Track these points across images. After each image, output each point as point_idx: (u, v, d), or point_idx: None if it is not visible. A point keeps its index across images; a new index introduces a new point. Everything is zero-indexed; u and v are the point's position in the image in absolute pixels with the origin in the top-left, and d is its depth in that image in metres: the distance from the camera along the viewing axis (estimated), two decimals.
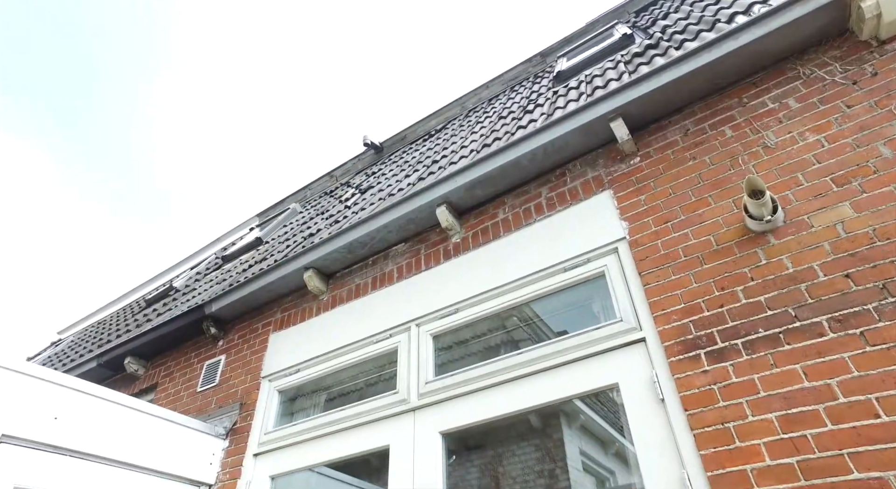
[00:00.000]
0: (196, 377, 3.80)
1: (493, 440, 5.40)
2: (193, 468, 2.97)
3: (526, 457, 5.08)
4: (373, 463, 4.45)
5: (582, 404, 5.20)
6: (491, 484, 5.23)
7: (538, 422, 5.23)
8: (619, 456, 5.77)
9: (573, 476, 4.75)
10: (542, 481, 4.85)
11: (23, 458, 2.35)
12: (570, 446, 4.97)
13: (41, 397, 2.48)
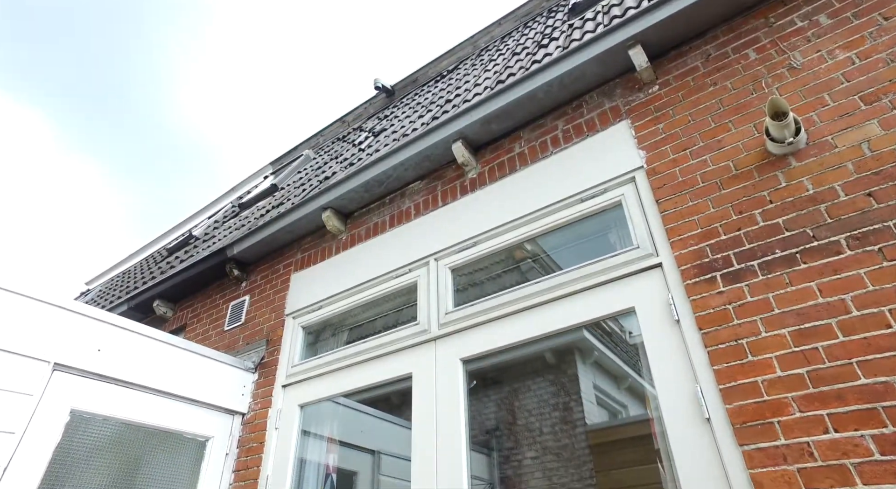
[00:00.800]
0: (222, 317, 3.96)
1: (509, 377, 5.61)
2: (227, 398, 3.15)
3: (541, 391, 5.29)
4: (393, 400, 4.66)
5: (596, 341, 5.35)
6: (508, 417, 5.48)
7: (553, 358, 5.40)
8: (632, 390, 5.98)
9: (587, 408, 4.95)
10: (557, 413, 5.06)
11: (74, 385, 2.51)
12: (584, 381, 5.15)
13: (86, 331, 2.63)
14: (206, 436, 3.00)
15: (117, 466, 2.72)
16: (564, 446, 4.88)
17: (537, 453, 5.00)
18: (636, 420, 4.92)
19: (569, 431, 4.90)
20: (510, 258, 2.94)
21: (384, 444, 4.07)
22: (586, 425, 4.81)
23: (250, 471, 2.94)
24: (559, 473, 4.79)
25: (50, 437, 2.37)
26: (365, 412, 4.00)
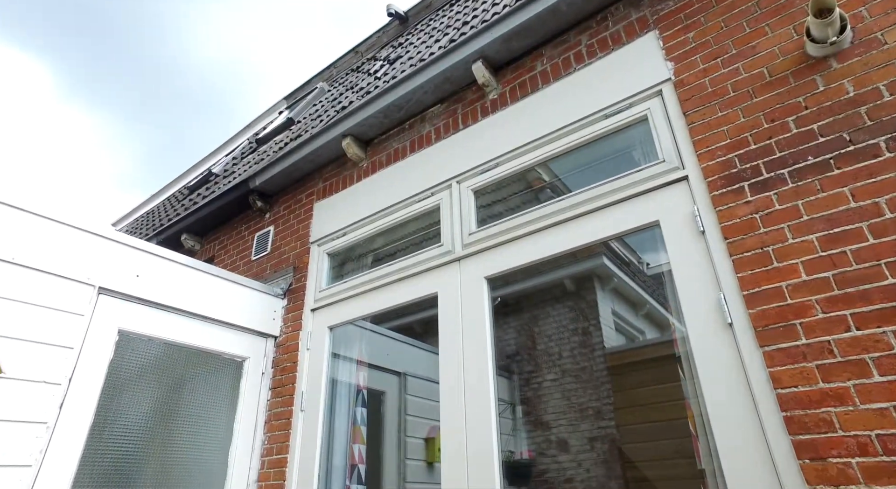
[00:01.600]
0: (249, 248, 4.06)
1: (529, 304, 5.75)
2: (260, 322, 3.30)
3: (561, 317, 5.42)
4: (416, 329, 4.83)
5: (615, 268, 5.40)
6: (528, 342, 5.67)
7: (572, 285, 5.49)
8: (649, 317, 6.08)
9: (605, 333, 5.09)
10: (576, 338, 5.22)
11: (119, 307, 2.65)
12: (602, 307, 5.26)
13: (125, 259, 2.75)
14: (242, 356, 3.18)
15: (165, 384, 2.91)
16: (583, 369, 5.06)
17: (556, 376, 5.20)
18: (653, 342, 5.05)
19: (587, 355, 5.06)
20: (529, 188, 2.93)
21: (409, 367, 4.26)
22: (605, 348, 4.96)
23: (286, 388, 3.12)
24: (578, 394, 5.01)
25: (103, 354, 2.53)
26: (391, 337, 4.17)
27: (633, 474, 4.53)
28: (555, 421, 5.05)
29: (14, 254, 2.34)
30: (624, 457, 4.61)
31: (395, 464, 3.93)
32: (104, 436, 2.51)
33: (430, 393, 4.29)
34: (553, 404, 5.10)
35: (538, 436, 5.07)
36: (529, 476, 4.85)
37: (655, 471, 4.38)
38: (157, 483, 2.69)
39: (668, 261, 2.07)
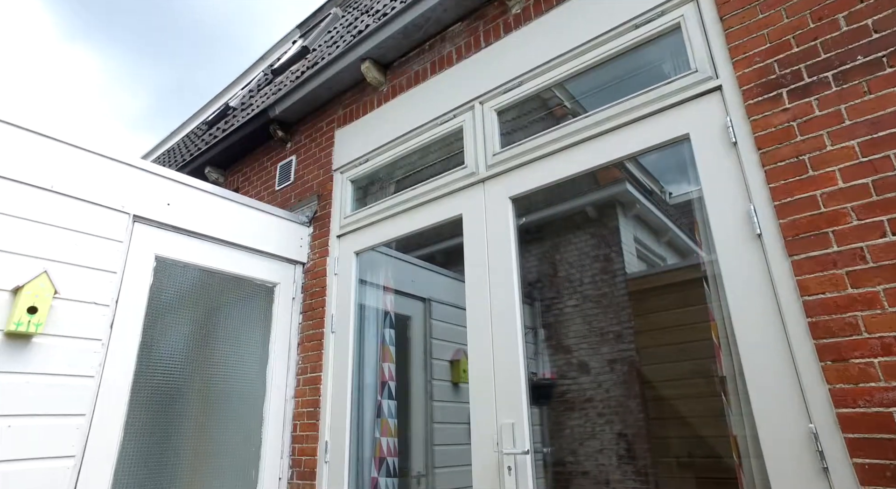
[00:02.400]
0: (272, 178, 4.10)
1: (550, 232, 5.76)
2: (288, 249, 3.38)
3: (582, 244, 5.44)
4: (438, 259, 4.90)
5: (637, 193, 5.33)
6: (549, 270, 5.74)
7: (594, 212, 5.47)
8: (671, 244, 6.05)
9: (627, 259, 5.11)
10: (597, 265, 5.26)
11: (153, 235, 2.74)
12: (624, 233, 5.25)
13: (157, 188, 2.81)
14: (273, 282, 3.29)
15: (203, 308, 3.05)
16: (604, 294, 5.14)
17: (577, 302, 5.30)
18: (675, 267, 5.07)
19: (609, 281, 5.12)
20: (550, 114, 2.85)
21: (434, 293, 4.37)
22: (626, 274, 5.00)
23: (316, 312, 3.25)
24: (598, 318, 5.11)
25: (143, 279, 2.65)
26: (415, 264, 4.25)
27: (652, 393, 4.70)
28: (576, 345, 5.20)
29: (54, 183, 2.41)
30: (643, 377, 4.77)
31: (422, 383, 4.13)
32: (152, 355, 2.68)
33: (454, 318, 4.42)
34: (574, 329, 5.23)
35: (559, 359, 5.24)
36: (551, 396, 5.07)
37: (673, 390, 4.53)
38: (204, 396, 2.89)
39: (692, 187, 2.04)
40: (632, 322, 4.86)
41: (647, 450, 4.51)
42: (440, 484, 4.01)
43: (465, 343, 4.52)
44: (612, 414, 4.86)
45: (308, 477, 2.91)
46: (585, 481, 4.73)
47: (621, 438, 4.75)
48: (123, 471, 2.40)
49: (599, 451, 4.86)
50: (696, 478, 4.17)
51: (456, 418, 4.28)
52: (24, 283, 2.16)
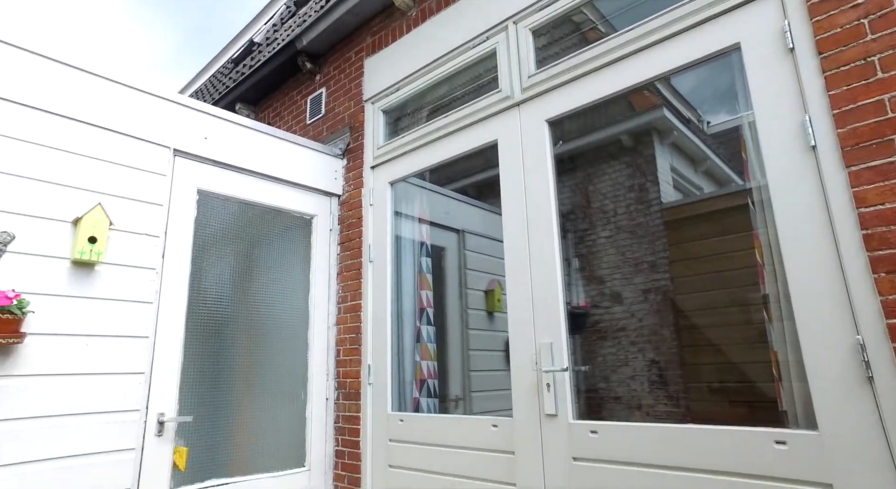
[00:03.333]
0: (302, 112, 4.08)
1: (583, 163, 5.64)
2: (323, 181, 3.42)
3: (617, 174, 5.33)
4: (470, 193, 4.87)
5: (675, 120, 5.12)
6: (582, 201, 5.66)
7: (630, 141, 5.30)
8: (709, 173, 5.86)
9: (663, 188, 5.00)
10: (632, 194, 5.16)
11: (194, 168, 2.80)
12: (660, 162, 5.10)
13: (195, 122, 2.85)
14: (310, 214, 3.35)
15: (245, 240, 3.15)
16: (638, 224, 5.07)
17: (611, 232, 5.25)
18: (712, 195, 4.93)
19: (643, 210, 5.04)
20: (585, 40, 2.69)
21: (467, 224, 4.40)
22: (661, 204, 4.90)
23: (353, 242, 3.32)
24: (632, 249, 5.08)
25: (188, 211, 2.73)
26: (449, 196, 4.26)
27: (686, 322, 4.72)
28: (609, 275, 5.21)
29: (102, 119, 2.47)
30: (676, 306, 4.78)
31: (457, 312, 4.25)
32: (202, 285, 2.81)
33: (488, 249, 4.46)
34: (607, 260, 5.22)
35: (592, 289, 5.28)
36: (584, 325, 5.15)
37: (707, 318, 4.54)
38: (251, 324, 3.04)
39: (731, 115, 1.94)
40: (666, 252, 4.82)
41: (679, 376, 4.59)
42: (477, 406, 4.21)
43: (498, 273, 4.59)
44: (644, 342, 4.94)
45: (353, 397, 3.09)
46: (618, 406, 4.89)
47: (654, 365, 4.84)
48: (185, 387, 2.60)
49: (631, 378, 4.99)
50: (728, 401, 4.26)
51: (491, 346, 4.43)
52: (82, 215, 2.26)
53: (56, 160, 2.30)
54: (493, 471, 2.36)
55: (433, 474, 2.59)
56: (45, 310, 2.16)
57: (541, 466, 2.18)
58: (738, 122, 2.00)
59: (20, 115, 2.24)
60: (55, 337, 2.18)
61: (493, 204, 4.76)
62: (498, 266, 4.48)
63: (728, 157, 5.62)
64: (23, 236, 2.15)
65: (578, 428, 2.11)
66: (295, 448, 3.03)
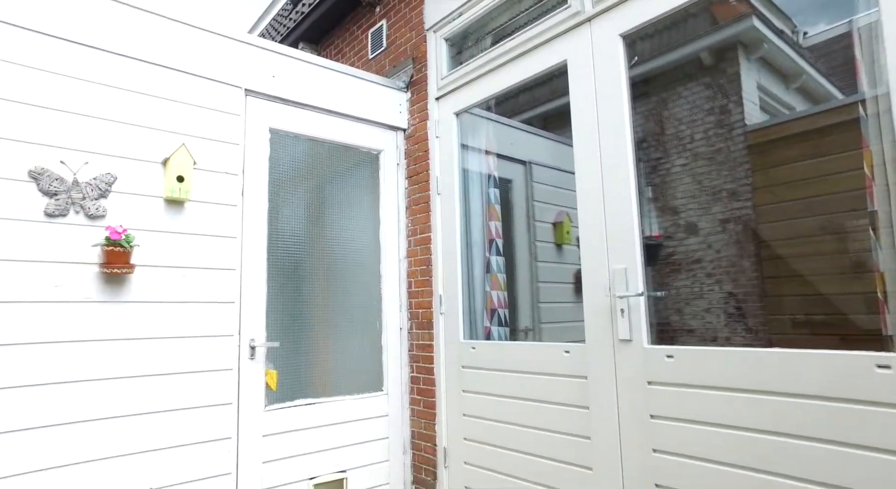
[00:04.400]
0: (363, 47, 4.02)
1: (656, 87, 5.25)
2: (388, 116, 3.41)
3: (694, 97, 4.93)
4: (535, 124, 4.70)
5: (766, 31, 4.60)
6: (655, 128, 5.33)
7: (710, 58, 4.85)
8: (803, 90, 5.30)
9: (748, 109, 4.58)
10: (711, 118, 4.78)
11: (264, 107, 2.87)
12: (746, 80, 4.64)
13: (262, 61, 2.88)
14: (377, 149, 3.38)
15: (315, 177, 3.24)
16: (718, 150, 4.73)
17: (687, 160, 4.94)
18: (806, 114, 4.47)
19: (724, 135, 4.67)
20: None
21: (534, 156, 4.29)
22: (745, 126, 4.52)
23: (420, 176, 3.33)
24: (710, 176, 4.77)
25: (262, 150, 2.83)
26: (514, 127, 4.14)
27: (769, 253, 4.46)
28: (683, 205, 4.96)
29: (178, 62, 2.56)
30: (758, 236, 4.51)
31: (525, 244, 4.23)
32: (278, 221, 2.95)
33: (556, 180, 4.35)
34: (682, 189, 4.96)
35: (665, 220, 5.07)
36: (657, 256, 4.99)
37: (794, 248, 4.26)
38: (325, 258, 3.18)
39: (839, 20, 1.70)
40: (749, 178, 4.49)
41: (759, 308, 4.40)
42: (546, 337, 4.27)
43: (567, 205, 4.49)
44: (721, 274, 4.73)
45: (426, 326, 3.21)
46: (691, 338, 4.79)
47: (731, 298, 4.66)
48: (270, 317, 2.79)
49: (706, 311, 4.84)
50: (813, 335, 4.06)
51: (559, 278, 4.41)
52: (169, 155, 2.40)
53: (144, 104, 2.42)
54: (566, 395, 2.41)
55: (506, 397, 2.69)
56: (147, 244, 2.35)
57: (614, 390, 2.21)
58: (845, 29, 1.78)
59: (114, 63, 2.36)
60: (157, 268, 2.38)
61: (561, 133, 4.58)
62: (566, 198, 4.38)
63: (828, 71, 5.02)
64: (123, 177, 2.33)
65: (654, 352, 2.09)
66: (373, 374, 3.22)
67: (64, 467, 2.08)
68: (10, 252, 2.04)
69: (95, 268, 2.22)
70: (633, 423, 2.12)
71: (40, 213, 2.11)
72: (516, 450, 2.62)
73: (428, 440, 3.13)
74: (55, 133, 2.18)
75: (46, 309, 2.10)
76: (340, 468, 2.93)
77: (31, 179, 2.11)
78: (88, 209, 2.21)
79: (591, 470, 2.27)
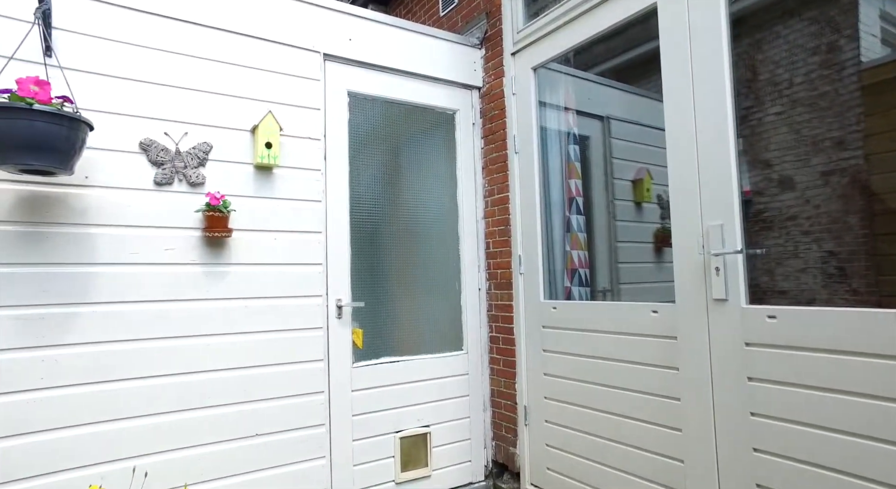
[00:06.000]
0: (434, 4, 3.93)
1: (748, 27, 4.78)
2: (462, 74, 3.34)
3: (795, 35, 4.45)
4: (608, 77, 4.44)
5: None
6: (746, 74, 4.89)
7: None
8: None
9: (864, 44, 4.08)
10: (815, 58, 4.31)
11: (342, 71, 2.90)
12: (865, 8, 4.12)
13: (338, 25, 2.89)
14: (452, 109, 3.34)
15: (393, 140, 3.26)
16: (822, 95, 4.27)
17: (783, 108, 4.51)
18: None
19: (831, 76, 4.20)
20: None
21: (612, 110, 4.08)
22: (860, 64, 4.04)
23: (497, 135, 3.27)
24: (811, 125, 4.34)
25: (341, 114, 2.88)
26: (591, 80, 3.94)
27: (882, 207, 4.04)
28: (778, 158, 4.57)
29: (259, 30, 2.62)
30: (870, 189, 4.09)
31: (604, 203, 4.09)
32: (358, 184, 3.01)
33: (636, 135, 4.12)
34: (776, 140, 4.55)
35: (756, 174, 4.70)
36: (746, 214, 4.66)
37: None
38: (403, 219, 3.22)
39: None
40: (861, 124, 4.04)
41: (867, 268, 4.04)
42: (625, 298, 4.16)
43: (647, 161, 4.27)
44: (821, 231, 4.36)
45: (505, 287, 3.21)
46: (783, 299, 4.50)
47: (832, 257, 4.30)
48: (355, 278, 2.89)
49: (802, 271, 4.50)
50: None
51: (639, 237, 4.24)
52: (258, 123, 2.49)
53: (233, 75, 2.52)
54: (653, 356, 2.35)
55: (588, 357, 2.67)
56: (240, 208, 2.48)
57: (707, 351, 2.12)
58: None
59: (206, 36, 2.46)
60: (250, 232, 2.52)
61: (639, 86, 4.31)
62: (646, 154, 4.16)
63: None
64: (217, 146, 2.45)
65: (753, 312, 1.97)
66: (453, 333, 3.29)
67: (181, 411, 2.31)
68: (129, 218, 2.23)
69: (198, 232, 2.38)
70: (729, 386, 2.03)
71: (150, 181, 2.28)
72: (599, 410, 2.61)
73: (508, 398, 3.18)
74: (158, 106, 2.32)
75: (161, 270, 2.29)
76: (424, 423, 3.05)
77: (142, 151, 2.27)
78: (190, 177, 2.36)
79: (681, 431, 2.22)
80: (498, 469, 3.27)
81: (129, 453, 2.18)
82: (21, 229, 2.01)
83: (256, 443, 2.48)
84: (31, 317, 2.02)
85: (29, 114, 1.64)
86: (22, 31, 1.99)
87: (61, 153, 1.75)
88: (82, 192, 2.14)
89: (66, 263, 2.10)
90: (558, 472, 2.85)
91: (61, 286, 2.08)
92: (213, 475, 2.36)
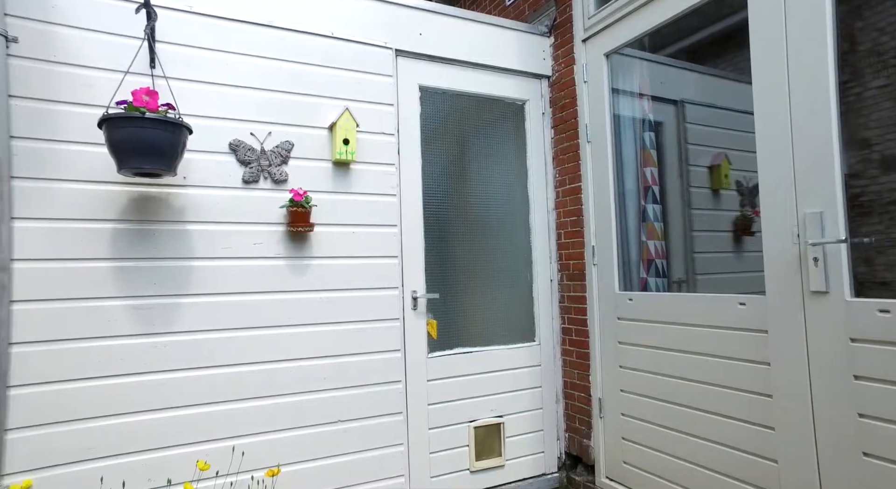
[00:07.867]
0: None
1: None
2: (531, 64, 3.30)
3: None
4: (680, 58, 4.22)
5: None
6: (844, 44, 4.50)
7: None
8: None
9: None
10: None
11: (412, 66, 2.94)
12: None
13: (408, 20, 2.93)
14: (521, 99, 3.30)
15: (463, 132, 3.27)
16: None
17: (887, 80, 4.13)
18: None
19: None
20: None
21: (686, 94, 3.89)
22: None
23: (568, 124, 3.20)
24: None
25: (413, 108, 2.92)
26: (663, 63, 3.77)
27: None
28: (879, 136, 4.19)
29: (333, 29, 2.69)
30: None
31: (678, 191, 3.92)
32: (430, 177, 3.05)
33: (712, 119, 3.92)
34: (878, 116, 4.17)
35: (852, 155, 4.34)
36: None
37: None
38: (475, 211, 3.23)
39: None
40: None
41: None
42: (702, 290, 3.98)
43: (723, 146, 4.04)
44: None
45: (577, 278, 3.16)
46: (884, 291, 4.14)
47: None
48: (428, 270, 2.94)
49: None
50: None
51: (716, 226, 4.04)
52: (335, 120, 2.58)
53: (311, 74, 2.61)
54: (740, 350, 2.25)
55: (667, 350, 2.59)
56: (321, 204, 2.59)
57: (803, 346, 2.00)
58: None
59: (285, 38, 2.56)
60: (330, 226, 2.62)
61: (714, 66, 4.08)
62: (723, 138, 3.94)
63: None
64: (298, 144, 2.56)
65: (860, 306, 1.84)
66: (525, 324, 3.28)
67: (267, 397, 2.45)
68: (222, 215, 2.38)
69: (282, 227, 2.50)
70: (831, 384, 1.91)
71: (239, 180, 2.42)
72: (680, 404, 2.53)
73: (581, 390, 3.14)
74: (244, 108, 2.45)
75: (250, 264, 2.43)
76: (497, 413, 3.07)
77: (231, 151, 2.41)
78: (274, 174, 2.48)
79: (774, 430, 2.12)
80: (571, 461, 3.25)
81: (225, 434, 2.34)
82: (133, 227, 2.21)
83: (337, 428, 2.59)
84: (142, 307, 2.21)
85: (142, 122, 1.79)
86: (130, 46, 2.16)
87: (168, 156, 1.89)
88: (181, 191, 2.31)
89: (170, 258, 2.27)
90: (636, 467, 2.79)
91: (166, 279, 2.26)
92: (296, 458, 2.49)
